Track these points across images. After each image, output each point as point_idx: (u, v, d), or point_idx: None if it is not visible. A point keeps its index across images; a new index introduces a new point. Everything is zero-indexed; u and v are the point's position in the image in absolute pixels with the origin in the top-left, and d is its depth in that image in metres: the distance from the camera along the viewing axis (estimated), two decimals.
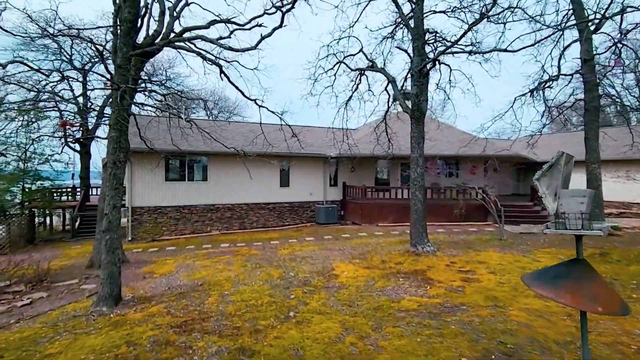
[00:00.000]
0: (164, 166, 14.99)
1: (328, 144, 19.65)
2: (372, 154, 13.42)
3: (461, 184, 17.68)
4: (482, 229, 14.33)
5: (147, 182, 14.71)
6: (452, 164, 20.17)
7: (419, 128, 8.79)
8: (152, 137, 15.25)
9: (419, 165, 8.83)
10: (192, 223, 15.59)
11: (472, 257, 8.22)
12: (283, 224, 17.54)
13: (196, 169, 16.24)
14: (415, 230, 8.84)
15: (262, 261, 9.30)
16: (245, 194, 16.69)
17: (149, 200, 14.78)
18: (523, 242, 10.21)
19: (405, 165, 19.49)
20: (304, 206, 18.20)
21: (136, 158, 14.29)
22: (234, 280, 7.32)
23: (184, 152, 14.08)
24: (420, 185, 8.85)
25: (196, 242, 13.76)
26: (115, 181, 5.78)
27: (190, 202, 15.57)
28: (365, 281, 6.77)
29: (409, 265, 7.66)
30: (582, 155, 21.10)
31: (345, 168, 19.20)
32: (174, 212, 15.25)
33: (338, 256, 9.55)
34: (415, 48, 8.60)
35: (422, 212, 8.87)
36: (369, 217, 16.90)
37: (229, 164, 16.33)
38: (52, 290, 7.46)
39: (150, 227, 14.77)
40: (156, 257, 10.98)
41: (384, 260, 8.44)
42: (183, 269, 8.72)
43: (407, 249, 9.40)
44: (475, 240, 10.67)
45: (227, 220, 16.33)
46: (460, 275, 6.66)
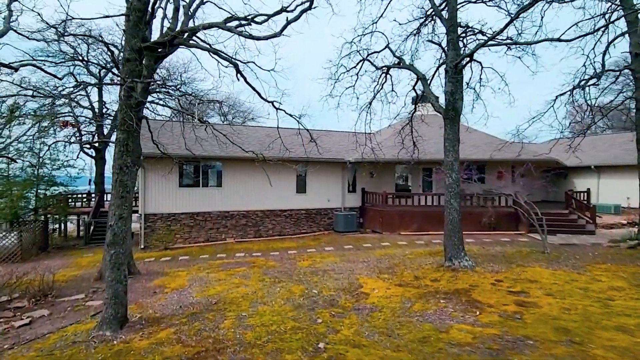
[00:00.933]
0: (177, 172, 14.50)
1: (346, 149, 18.89)
2: (396, 159, 12.56)
3: (490, 190, 16.61)
4: (515, 239, 13.26)
5: (161, 188, 14.22)
6: (477, 169, 19.11)
7: (453, 129, 7.95)
8: (166, 142, 14.80)
9: (454, 170, 7.96)
10: (206, 230, 15.01)
11: (518, 274, 7.28)
12: (300, 231, 16.80)
13: (210, 175, 15.71)
14: (451, 242, 7.95)
15: (281, 274, 8.56)
16: (261, 200, 16.05)
17: (163, 207, 14.28)
18: (569, 255, 9.17)
19: (428, 171, 18.56)
20: (321, 213, 17.43)
21: (149, 163, 13.82)
22: (252, 298, 6.59)
23: (198, 157, 13.54)
24: (456, 192, 7.98)
25: (210, 251, 13.14)
26: (122, 189, 5.15)
27: (204, 209, 15.01)
28: (400, 302, 5.94)
29: (447, 283, 6.78)
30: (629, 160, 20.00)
31: (365, 173, 18.37)
32: (187, 219, 14.70)
33: (363, 270, 8.73)
34: (449, 41, 7.79)
35: (458, 222, 7.98)
36: (390, 225, 16.00)
37: (244, 169, 15.73)
38: (55, 306, 6.88)
39: (163, 234, 14.25)
40: (168, 268, 10.37)
41: (417, 276, 7.58)
42: (196, 283, 8.04)
43: (441, 263, 8.51)
44: (514, 253, 9.69)
45: (242, 227, 15.70)
46: (512, 298, 5.75)
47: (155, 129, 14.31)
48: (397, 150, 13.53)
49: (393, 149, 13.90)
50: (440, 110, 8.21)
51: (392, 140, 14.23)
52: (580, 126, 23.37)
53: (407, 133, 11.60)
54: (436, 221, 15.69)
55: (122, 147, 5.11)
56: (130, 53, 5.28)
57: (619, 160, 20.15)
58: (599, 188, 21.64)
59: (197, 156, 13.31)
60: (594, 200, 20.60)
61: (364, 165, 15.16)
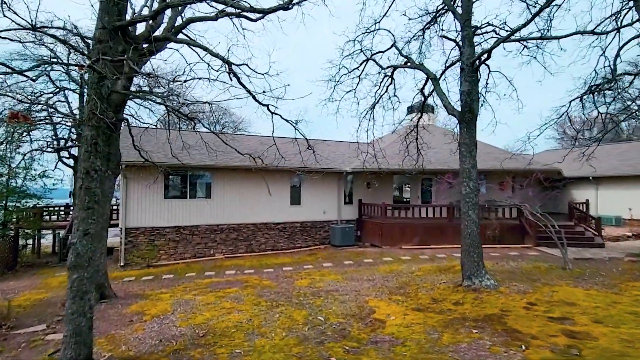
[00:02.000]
0: (162, 182, 13.40)
1: (342, 158, 18.10)
2: (399, 168, 11.78)
3: (493, 201, 15.97)
4: (523, 253, 12.53)
5: (144, 199, 13.08)
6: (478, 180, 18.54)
7: (470, 133, 7.21)
8: (151, 149, 13.73)
9: (471, 178, 7.19)
10: (193, 245, 13.86)
11: (549, 295, 6.45)
12: (294, 245, 15.77)
13: (199, 186, 14.65)
14: (469, 259, 7.11)
15: (279, 296, 7.54)
16: (253, 212, 15.02)
17: (146, 220, 13.11)
18: (593, 272, 8.43)
19: (427, 181, 17.88)
20: (316, 226, 16.47)
21: (132, 173, 12.72)
22: (247, 328, 5.57)
23: (186, 166, 12.54)
24: (474, 202, 7.19)
25: (198, 268, 12.00)
26: (88, 198, 4.15)
27: (192, 222, 13.89)
28: (424, 332, 5.01)
29: (473, 307, 5.90)
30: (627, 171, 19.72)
31: (361, 184, 17.56)
32: (173, 234, 13.55)
33: (371, 290, 7.79)
34: (465, 37, 7.13)
35: (478, 235, 7.16)
36: (390, 239, 15.13)
37: (235, 180, 14.73)
38: (9, 340, 5.71)
39: (145, 250, 13.05)
40: (150, 289, 9.22)
41: (435, 298, 6.68)
42: (181, 308, 6.97)
43: (456, 282, 7.65)
44: (532, 270, 8.90)
45: (233, 242, 14.60)
46: (557, 327, 4.89)
47: (138, 134, 13.29)
48: (397, 159, 12.83)
49: (393, 158, 13.16)
50: (455, 112, 7.49)
51: (393, 149, 13.49)
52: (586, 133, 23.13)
53: (411, 140, 10.87)
54: (438, 234, 14.92)
55: (90, 146, 4.15)
56: (102, 33, 4.37)
57: (618, 171, 19.88)
58: (598, 199, 21.28)
59: (185, 165, 12.32)
60: (593, 212, 20.16)
61: (366, 175, 14.32)
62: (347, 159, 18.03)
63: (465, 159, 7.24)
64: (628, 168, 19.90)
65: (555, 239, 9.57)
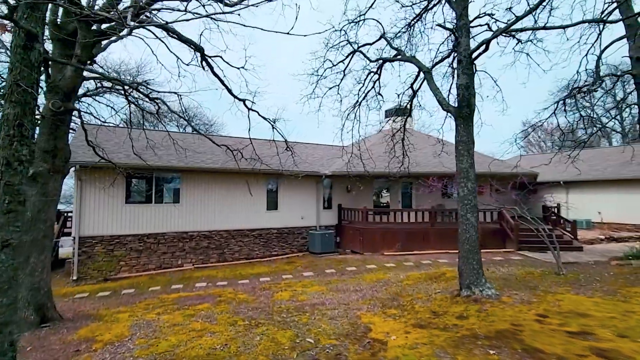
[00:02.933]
0: (123, 185, 12.06)
1: (321, 161, 17.39)
2: (385, 171, 11.17)
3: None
4: (508, 257, 12.27)
5: (102, 205, 11.67)
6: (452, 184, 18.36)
7: (468, 130, 6.69)
8: (111, 149, 12.39)
9: (469, 178, 6.65)
10: (158, 255, 12.54)
11: (555, 304, 5.96)
12: (270, 253, 14.78)
13: (166, 189, 13.38)
14: (468, 266, 6.53)
15: (258, 313, 6.61)
16: (226, 218, 13.91)
17: (103, 228, 11.69)
18: (587, 277, 8.14)
19: (406, 185, 17.49)
20: (294, 232, 15.57)
21: (87, 174, 11.32)
22: (222, 357, 4.63)
23: (151, 167, 11.31)
24: (473, 205, 6.64)
25: (163, 281, 10.76)
26: (10, 198, 3.11)
27: (158, 230, 12.59)
28: (433, 355, 4.30)
29: (480, 322, 5.27)
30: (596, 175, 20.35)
31: (341, 188, 16.90)
32: (135, 242, 12.18)
33: (361, 302, 7.03)
34: (462, 27, 6.64)
35: (477, 241, 6.61)
36: (372, 245, 14.51)
37: (206, 183, 13.59)
38: None
39: (103, 261, 11.61)
40: (105, 308, 7.97)
41: (434, 311, 6.01)
42: (141, 331, 5.87)
43: (452, 291, 7.05)
44: (526, 276, 8.51)
45: (203, 250, 13.40)
46: (581, 344, 4.33)
47: (95, 131, 11.94)
48: (381, 162, 12.26)
49: (377, 160, 12.57)
50: (450, 108, 6.96)
51: (376, 151, 12.93)
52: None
53: (397, 141, 10.33)
54: (421, 239, 14.48)
55: (13, 129, 3.11)
56: None
57: (588, 175, 20.48)
58: (568, 203, 21.84)
59: (150, 166, 11.12)
60: (564, 216, 20.66)
61: (350, 178, 13.59)
62: (326, 161, 17.34)
63: (463, 158, 6.70)
64: (596, 173, 20.58)
65: (547, 243, 9.29)
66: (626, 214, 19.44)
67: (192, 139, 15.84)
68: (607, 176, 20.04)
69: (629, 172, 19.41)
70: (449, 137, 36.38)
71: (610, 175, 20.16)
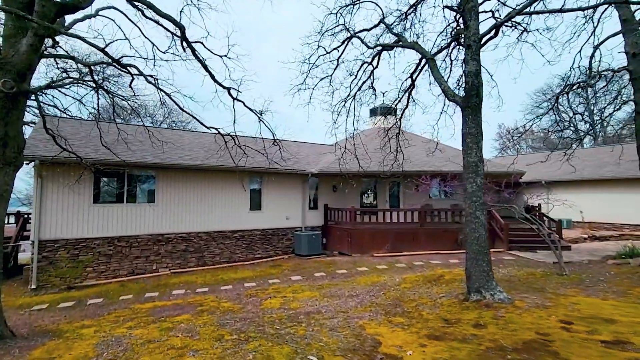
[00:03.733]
0: (91, 183, 10.92)
1: (307, 160, 16.70)
2: (379, 169, 10.63)
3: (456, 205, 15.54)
4: (500, 258, 12.00)
5: (66, 204, 10.50)
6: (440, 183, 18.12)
7: (476, 120, 6.21)
8: (78, 143, 11.23)
9: (478, 173, 6.16)
10: (131, 260, 11.45)
11: (571, 308, 5.54)
12: (254, 256, 13.93)
13: (140, 188, 12.30)
14: (478, 268, 6.02)
15: (247, 325, 5.84)
16: (206, 219, 12.96)
17: (68, 231, 10.51)
18: (590, 278, 7.85)
19: (394, 184, 17.07)
20: (279, 234, 14.79)
21: (48, 171, 10.14)
22: None
23: (124, 163, 10.25)
24: (482, 202, 6.15)
25: (136, 289, 9.74)
26: None
27: (130, 232, 11.49)
28: None
29: (500, 330, 4.74)
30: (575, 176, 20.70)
31: (328, 187, 16.27)
32: (104, 246, 11.05)
33: (361, 309, 6.39)
34: (470, 9, 6.15)
35: (486, 240, 6.11)
36: (360, 246, 13.95)
37: (184, 181, 12.60)
38: None
39: (67, 268, 10.43)
40: (67, 321, 6.96)
41: (446, 318, 5.45)
42: (109, 350, 4.98)
43: (460, 295, 6.54)
44: (528, 277, 8.15)
45: (181, 254, 12.39)
46: (621, 355, 3.85)
47: (58, 123, 10.80)
48: (374, 160, 11.73)
49: (369, 158, 12.01)
50: (457, 98, 6.46)
51: (368, 147, 12.36)
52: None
53: (392, 136, 9.80)
54: (410, 240, 14.05)
55: None
56: None
57: (568, 176, 20.82)
58: (549, 203, 22.15)
59: (122, 162, 10.08)
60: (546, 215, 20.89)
61: (342, 177, 12.95)
62: (312, 160, 16.67)
63: (471, 151, 6.20)
64: (575, 173, 20.94)
65: (549, 243, 9.02)
66: (604, 213, 19.89)
67: (170, 134, 14.79)
68: (585, 176, 20.45)
69: (607, 172, 19.89)
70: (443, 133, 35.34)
71: (589, 175, 20.59)
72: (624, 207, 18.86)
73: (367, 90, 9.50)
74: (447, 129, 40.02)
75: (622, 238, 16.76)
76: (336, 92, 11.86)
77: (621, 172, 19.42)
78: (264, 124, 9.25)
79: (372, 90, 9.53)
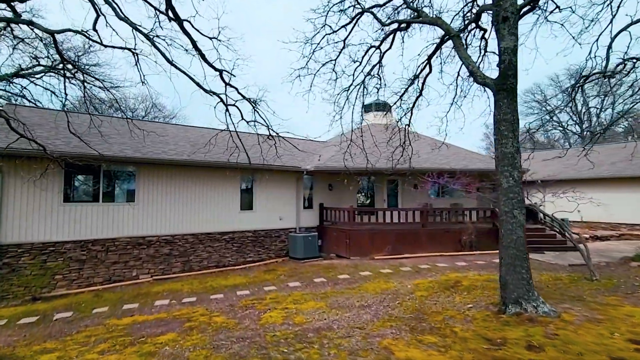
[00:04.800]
0: (61, 180, 9.65)
1: (301, 156, 15.70)
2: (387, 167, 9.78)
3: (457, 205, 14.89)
4: None
5: (30, 204, 9.21)
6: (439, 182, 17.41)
7: (512, 105, 5.39)
8: (46, 134, 9.96)
9: (515, 166, 5.35)
10: (107, 266, 10.22)
11: (632, 322, 4.78)
12: (245, 260, 12.86)
13: (118, 185, 11.09)
14: (516, 275, 5.20)
15: (246, 347, 4.84)
16: (192, 220, 11.83)
17: (33, 234, 9.23)
18: (623, 282, 7.18)
19: (393, 183, 16.29)
20: (271, 235, 13.76)
21: (9, 166, 8.84)
22: None
23: (100, 157, 9.04)
24: (520, 199, 5.34)
25: (113, 299, 8.56)
26: None
27: (107, 234, 10.26)
28: None
29: (560, 354, 3.92)
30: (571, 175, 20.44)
31: (323, 186, 15.34)
32: (77, 250, 9.79)
33: (379, 325, 5.48)
34: None
35: (524, 244, 5.30)
36: (359, 248, 13.06)
37: (168, 177, 11.44)
38: None
39: (33, 276, 9.15)
40: (26, 343, 5.79)
41: (487, 337, 4.59)
42: None
43: (491, 306, 5.71)
44: (555, 282, 7.45)
45: (165, 258, 11.22)
46: None
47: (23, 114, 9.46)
48: (374, 156, 10.86)
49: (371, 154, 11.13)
50: (487, 80, 5.63)
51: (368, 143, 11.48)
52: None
53: (395, 129, 8.96)
54: (412, 241, 13.24)
55: None
56: None
57: (565, 175, 20.54)
58: (545, 202, 21.83)
59: (99, 156, 8.87)
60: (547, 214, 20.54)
61: (344, 174, 12.04)
62: (307, 156, 15.68)
63: (507, 141, 5.37)
64: (573, 172, 20.69)
65: (575, 244, 8.38)
66: (600, 213, 19.63)
67: (152, 127, 13.54)
68: (582, 175, 20.15)
69: (604, 171, 19.67)
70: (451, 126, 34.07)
71: (586, 174, 20.32)
72: (620, 206, 18.65)
73: (371, 80, 8.63)
74: (456, 121, 39.63)
75: (622, 238, 16.49)
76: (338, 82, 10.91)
77: (618, 171, 19.26)
78: (258, 115, 8.22)
79: (376, 80, 8.67)
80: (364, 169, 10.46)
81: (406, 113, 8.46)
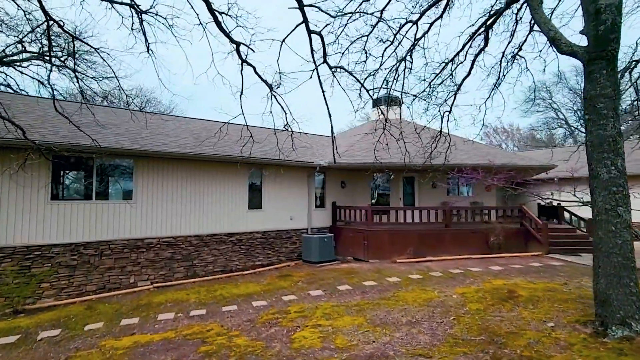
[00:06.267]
0: (49, 175, 8.41)
1: (312, 151, 14.58)
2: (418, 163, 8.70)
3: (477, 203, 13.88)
4: (547, 263, 10.37)
5: (12, 202, 7.96)
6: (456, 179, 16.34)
7: (612, 78, 4.34)
8: (32, 123, 8.72)
9: (618, 153, 4.30)
10: (101, 272, 8.99)
11: None
12: (254, 264, 11.69)
13: (113, 182, 9.86)
14: (621, 289, 4.15)
15: None
16: (196, 220, 10.64)
17: (16, 236, 7.98)
18: None
19: (409, 180, 15.22)
20: (282, 236, 12.62)
21: None
22: None
23: (96, 149, 7.79)
24: (624, 194, 4.29)
25: (108, 312, 7.36)
26: None
27: (101, 237, 9.03)
28: None
29: None
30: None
31: (335, 183, 14.24)
32: (66, 255, 8.56)
33: (448, 351, 4.39)
34: None
35: (632, 250, 4.24)
36: (379, 250, 11.97)
37: (170, 173, 10.24)
38: None
39: (14, 285, 7.90)
40: None
41: None
42: None
43: (581, 326, 4.64)
44: None
45: (166, 263, 10.01)
46: None
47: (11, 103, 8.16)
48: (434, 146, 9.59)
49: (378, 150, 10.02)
50: (577, 49, 4.57)
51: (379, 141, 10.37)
52: None
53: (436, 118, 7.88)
54: (435, 243, 12.16)
55: None
56: None
57: (583, 172, 19.71)
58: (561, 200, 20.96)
59: (94, 148, 7.60)
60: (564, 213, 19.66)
61: (384, 170, 10.84)
62: (318, 151, 14.58)
63: (607, 121, 4.31)
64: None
65: None
66: None
67: (150, 118, 12.29)
68: (582, 174, 19.25)
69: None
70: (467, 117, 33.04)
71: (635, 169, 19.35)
72: None
73: (400, 65, 7.57)
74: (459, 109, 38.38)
75: None
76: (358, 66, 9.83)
77: (628, 168, 18.35)
78: (275, 100, 7.05)
79: (406, 63, 7.58)
80: (389, 164, 9.33)
81: (448, 98, 7.39)
